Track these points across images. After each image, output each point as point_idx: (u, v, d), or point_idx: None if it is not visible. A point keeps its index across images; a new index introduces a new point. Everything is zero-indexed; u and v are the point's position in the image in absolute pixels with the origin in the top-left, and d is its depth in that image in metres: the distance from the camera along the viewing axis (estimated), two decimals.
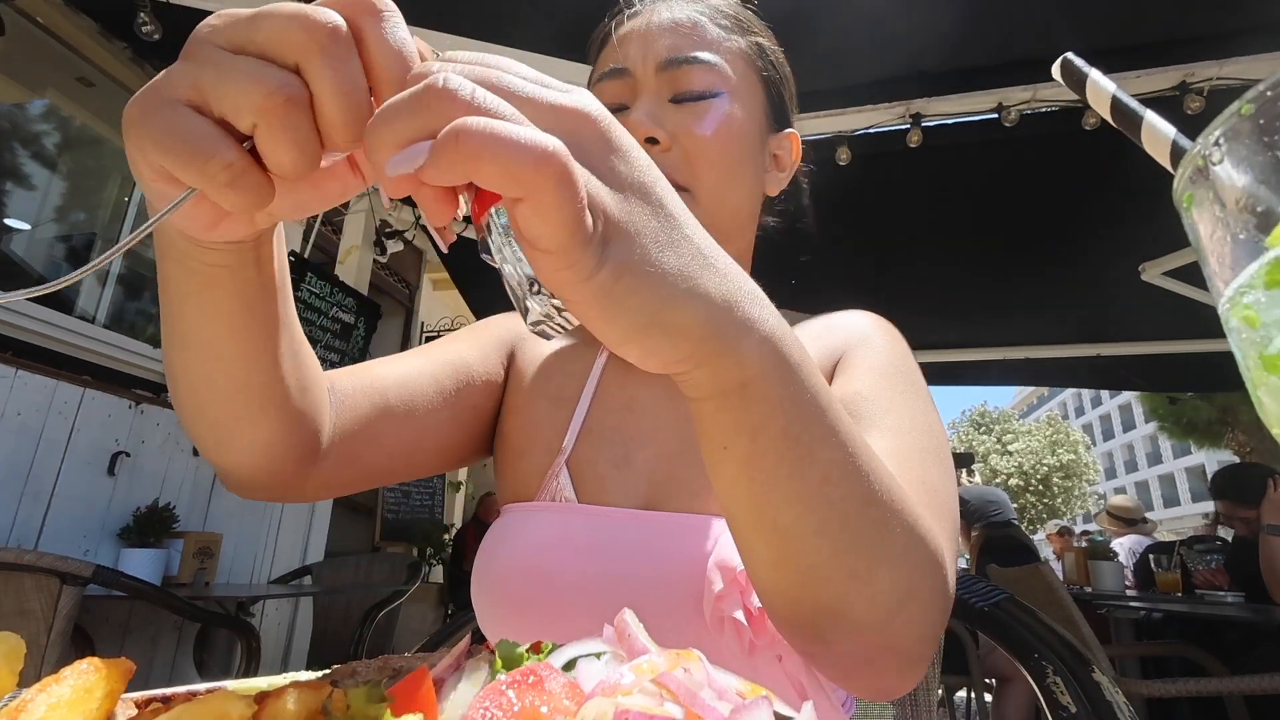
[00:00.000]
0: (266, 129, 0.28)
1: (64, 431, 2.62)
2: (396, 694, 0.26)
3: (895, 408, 0.55)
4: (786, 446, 0.35)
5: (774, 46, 0.69)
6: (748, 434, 0.35)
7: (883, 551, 0.39)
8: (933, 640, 0.43)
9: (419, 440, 0.63)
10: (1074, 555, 3.96)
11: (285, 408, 0.49)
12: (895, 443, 0.51)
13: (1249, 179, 0.22)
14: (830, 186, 2.84)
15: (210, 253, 0.38)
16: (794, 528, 0.37)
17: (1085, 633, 2.29)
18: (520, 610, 0.58)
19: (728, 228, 0.63)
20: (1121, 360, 4.16)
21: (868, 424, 0.53)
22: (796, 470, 0.36)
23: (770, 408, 0.34)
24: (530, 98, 0.28)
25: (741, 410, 0.34)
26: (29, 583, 1.61)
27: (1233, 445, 12.61)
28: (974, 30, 2.07)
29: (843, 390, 0.58)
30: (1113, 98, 0.33)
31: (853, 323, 0.66)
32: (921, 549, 0.41)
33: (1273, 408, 0.22)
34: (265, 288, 0.43)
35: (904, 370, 0.60)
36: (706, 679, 0.27)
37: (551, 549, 0.59)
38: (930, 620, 0.42)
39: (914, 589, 0.40)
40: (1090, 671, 0.62)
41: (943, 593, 0.43)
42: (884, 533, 0.39)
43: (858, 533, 0.38)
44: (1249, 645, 2.59)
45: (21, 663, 0.28)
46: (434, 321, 5.63)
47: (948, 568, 0.43)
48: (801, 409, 0.35)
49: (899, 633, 0.41)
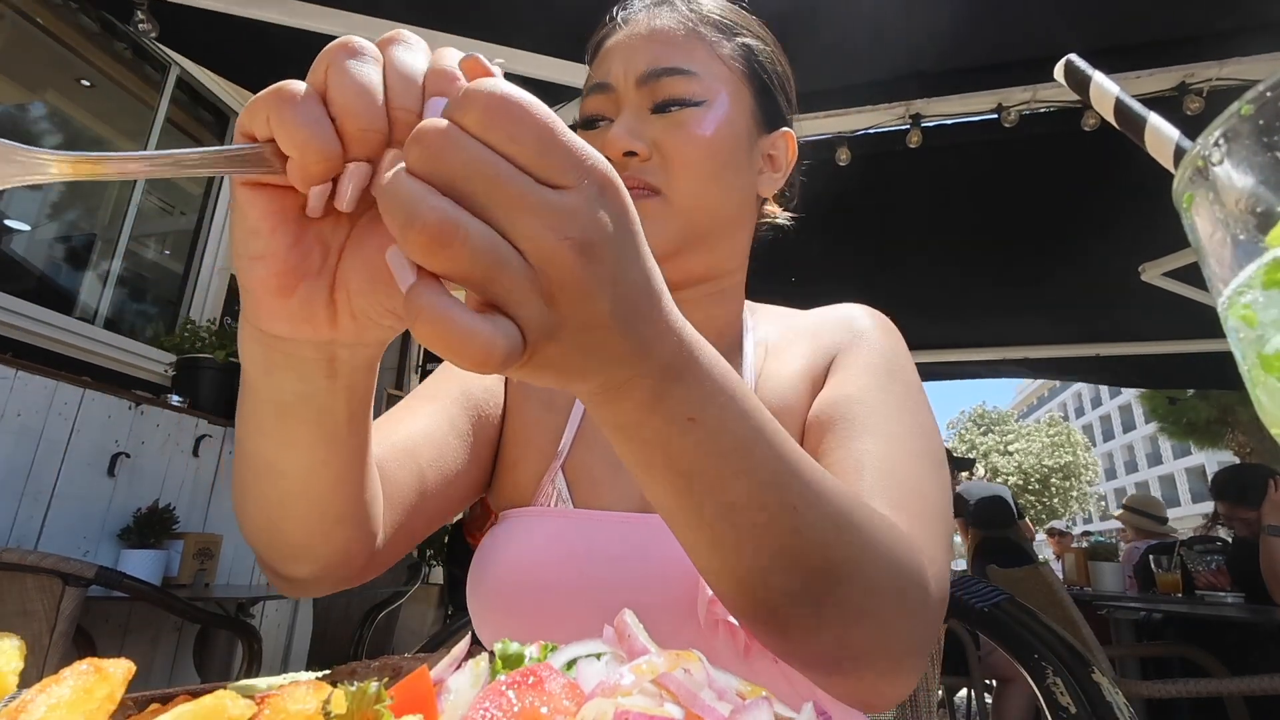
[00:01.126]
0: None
1: (64, 432, 2.62)
2: (396, 694, 0.26)
3: (887, 411, 0.55)
4: (707, 465, 0.35)
5: (766, 46, 0.69)
6: (661, 451, 0.34)
7: (838, 560, 0.38)
8: (913, 648, 0.42)
9: (452, 494, 0.63)
10: (1074, 556, 3.96)
11: (359, 518, 0.48)
12: (885, 447, 0.51)
13: (1248, 179, 0.22)
14: (830, 186, 2.85)
15: (290, 376, 0.37)
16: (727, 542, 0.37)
17: (1085, 633, 2.28)
18: (515, 617, 0.58)
19: (706, 229, 0.63)
20: (1121, 360, 4.16)
21: (857, 428, 0.53)
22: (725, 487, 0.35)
23: (680, 429, 0.34)
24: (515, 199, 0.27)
25: (656, 430, 0.34)
26: (32, 584, 1.61)
27: (1233, 446, 12.60)
28: (974, 30, 2.07)
29: (835, 392, 0.58)
30: (1116, 100, 0.33)
31: (848, 318, 0.66)
32: (890, 552, 0.40)
33: (1271, 407, 0.22)
34: (353, 420, 0.41)
35: (897, 371, 0.60)
36: (706, 679, 0.27)
37: (546, 555, 0.59)
38: (905, 624, 0.41)
39: (882, 594, 0.40)
40: (1090, 672, 0.62)
41: (924, 597, 0.42)
42: (837, 540, 0.38)
43: (802, 547, 0.37)
44: (1249, 646, 2.59)
45: (22, 663, 0.28)
46: None
47: (928, 575, 0.43)
48: (724, 423, 0.35)
49: (865, 637, 0.40)
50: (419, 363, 5.45)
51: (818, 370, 0.63)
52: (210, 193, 3.70)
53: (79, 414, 2.68)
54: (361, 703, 0.25)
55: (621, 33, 0.65)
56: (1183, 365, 4.09)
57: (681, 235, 0.61)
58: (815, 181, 0.81)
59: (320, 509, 0.45)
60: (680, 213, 0.60)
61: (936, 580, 0.44)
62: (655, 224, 0.59)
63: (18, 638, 0.28)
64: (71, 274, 3.29)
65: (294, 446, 0.41)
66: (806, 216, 0.76)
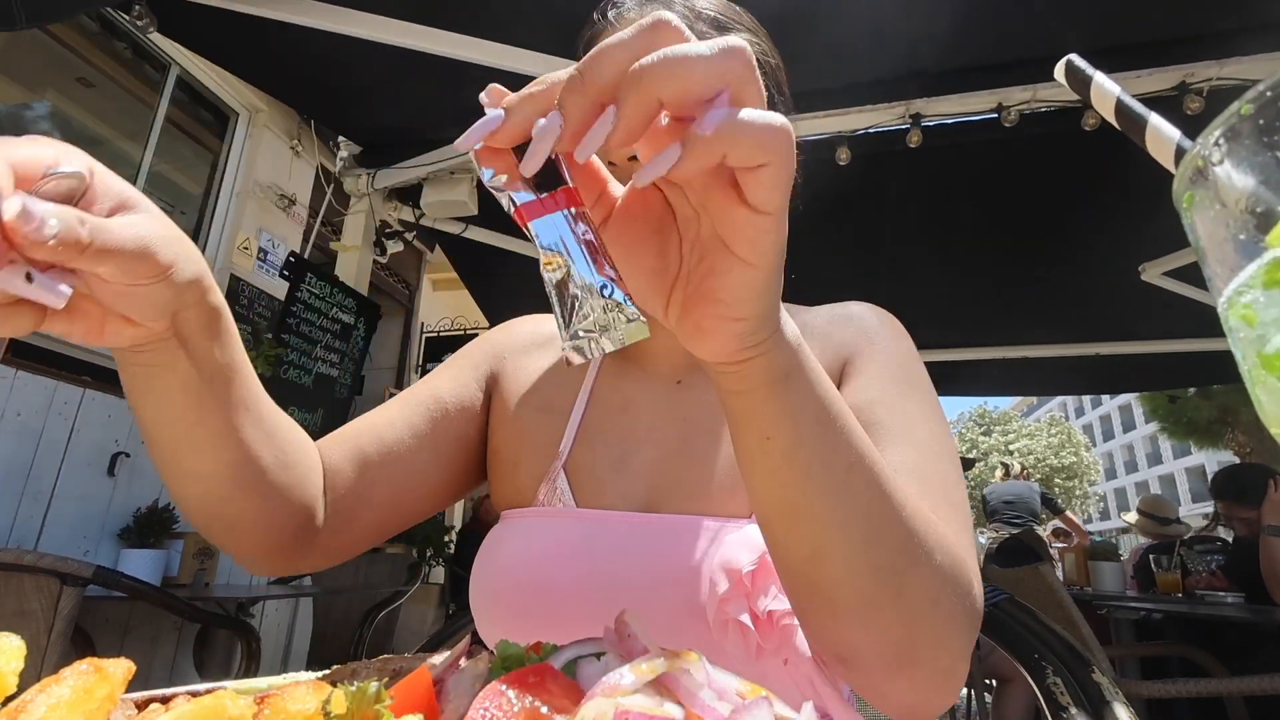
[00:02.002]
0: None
1: (64, 432, 2.62)
2: (396, 694, 0.26)
3: (910, 417, 0.55)
4: (818, 434, 0.37)
5: (759, 42, 0.68)
6: (790, 420, 0.37)
7: (907, 549, 0.40)
8: (963, 655, 0.43)
9: (407, 488, 0.65)
10: (1074, 556, 3.95)
11: (265, 485, 0.52)
12: (917, 455, 0.52)
13: (1248, 179, 0.22)
14: (830, 186, 2.85)
15: (134, 354, 0.42)
16: (827, 518, 0.38)
17: (1085, 633, 2.28)
18: (518, 616, 0.58)
19: None
20: (1121, 360, 4.16)
21: (884, 434, 0.53)
22: (829, 460, 0.38)
23: (805, 396, 0.37)
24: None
25: (786, 397, 0.36)
26: (29, 583, 1.61)
27: (1233, 445, 12.59)
28: (974, 30, 2.07)
29: (855, 397, 0.58)
30: (1117, 100, 0.33)
31: (859, 319, 0.66)
32: (946, 555, 0.42)
33: (1271, 407, 0.22)
34: (211, 378, 0.45)
35: (915, 376, 0.60)
36: (706, 679, 0.27)
37: (549, 555, 0.59)
38: (959, 629, 0.42)
39: (941, 594, 0.41)
40: (1090, 672, 0.62)
41: (972, 607, 0.43)
42: (906, 530, 0.40)
43: (882, 527, 0.39)
44: (1249, 646, 2.59)
45: (22, 663, 0.28)
46: (434, 322, 5.63)
47: (973, 583, 0.44)
48: (827, 398, 0.38)
49: (927, 636, 0.41)
50: (419, 362, 5.46)
51: (831, 369, 0.63)
52: (210, 192, 3.70)
53: (79, 414, 2.68)
54: (361, 703, 0.25)
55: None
56: (1182, 365, 4.09)
57: None
58: (815, 181, 0.81)
59: (209, 466, 0.49)
60: None
61: (979, 585, 0.45)
62: None
63: (18, 637, 0.28)
64: None
65: (155, 408, 0.46)
66: (807, 216, 0.76)
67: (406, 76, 2.38)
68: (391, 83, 2.49)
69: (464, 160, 2.83)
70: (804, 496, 0.38)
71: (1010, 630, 0.72)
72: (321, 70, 2.48)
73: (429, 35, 2.14)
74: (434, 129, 2.80)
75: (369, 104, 2.74)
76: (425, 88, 2.48)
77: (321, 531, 0.59)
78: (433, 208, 3.03)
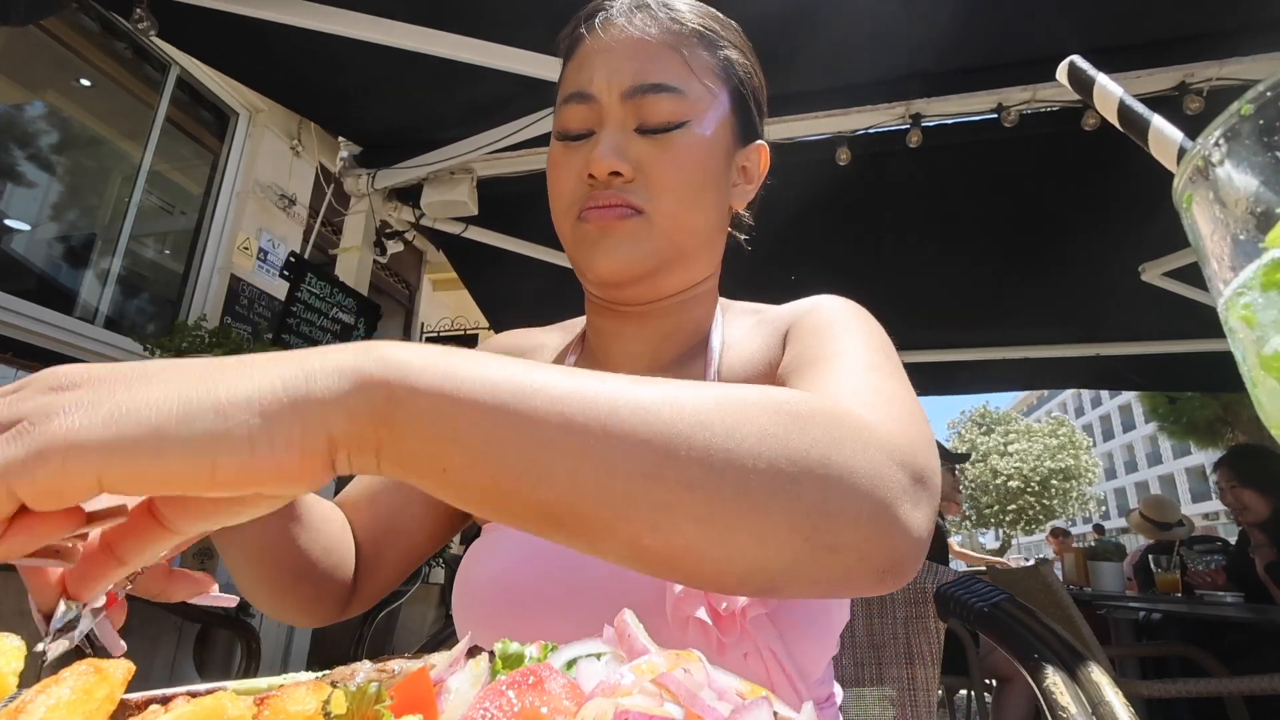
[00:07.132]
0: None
1: None
2: (396, 694, 0.26)
3: (831, 344, 0.55)
4: (486, 432, 0.32)
5: (745, 60, 0.68)
6: (450, 444, 0.32)
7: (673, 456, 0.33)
8: (893, 500, 0.37)
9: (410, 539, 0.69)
10: (1074, 556, 3.96)
11: (315, 573, 0.59)
12: (837, 369, 0.50)
13: (1248, 179, 0.22)
14: (830, 186, 2.84)
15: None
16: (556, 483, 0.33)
17: (1085, 633, 2.29)
18: (491, 625, 0.59)
19: (686, 246, 0.64)
20: (1121, 360, 4.16)
21: (809, 368, 0.53)
22: (514, 440, 0.32)
23: (437, 417, 0.32)
24: None
25: (416, 439, 0.32)
26: None
27: (1233, 445, 12.58)
28: (974, 30, 2.07)
29: (789, 353, 0.59)
30: (1120, 102, 0.33)
31: (810, 300, 0.66)
32: (804, 480, 0.35)
33: (1271, 408, 0.22)
34: (281, 536, 0.55)
35: (847, 323, 0.59)
36: (706, 679, 0.27)
37: (519, 563, 0.60)
38: (874, 531, 0.36)
39: (811, 522, 0.35)
40: (1090, 672, 0.62)
41: (891, 500, 0.37)
42: (666, 439, 0.34)
43: (624, 447, 0.33)
44: (1249, 646, 2.59)
45: (22, 663, 0.28)
46: (434, 322, 5.63)
47: (888, 474, 0.38)
48: (473, 392, 0.32)
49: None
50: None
51: (774, 350, 0.63)
52: (210, 192, 3.70)
53: None
54: (361, 703, 0.25)
55: (601, 38, 0.63)
56: (1182, 365, 4.09)
57: (661, 254, 0.62)
58: (815, 181, 0.81)
59: (269, 576, 0.57)
60: (661, 233, 0.61)
61: (901, 473, 0.38)
62: (636, 243, 0.61)
63: (18, 637, 0.28)
64: (71, 273, 3.29)
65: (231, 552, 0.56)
66: (807, 216, 0.76)
67: (406, 77, 2.38)
68: (391, 83, 2.49)
69: (464, 160, 2.83)
70: (513, 483, 0.32)
71: (1010, 630, 0.72)
72: (321, 71, 2.48)
73: (429, 36, 2.13)
74: (434, 129, 2.80)
75: (369, 104, 2.74)
76: (425, 88, 2.48)
77: (356, 590, 0.66)
78: (433, 208, 3.03)
